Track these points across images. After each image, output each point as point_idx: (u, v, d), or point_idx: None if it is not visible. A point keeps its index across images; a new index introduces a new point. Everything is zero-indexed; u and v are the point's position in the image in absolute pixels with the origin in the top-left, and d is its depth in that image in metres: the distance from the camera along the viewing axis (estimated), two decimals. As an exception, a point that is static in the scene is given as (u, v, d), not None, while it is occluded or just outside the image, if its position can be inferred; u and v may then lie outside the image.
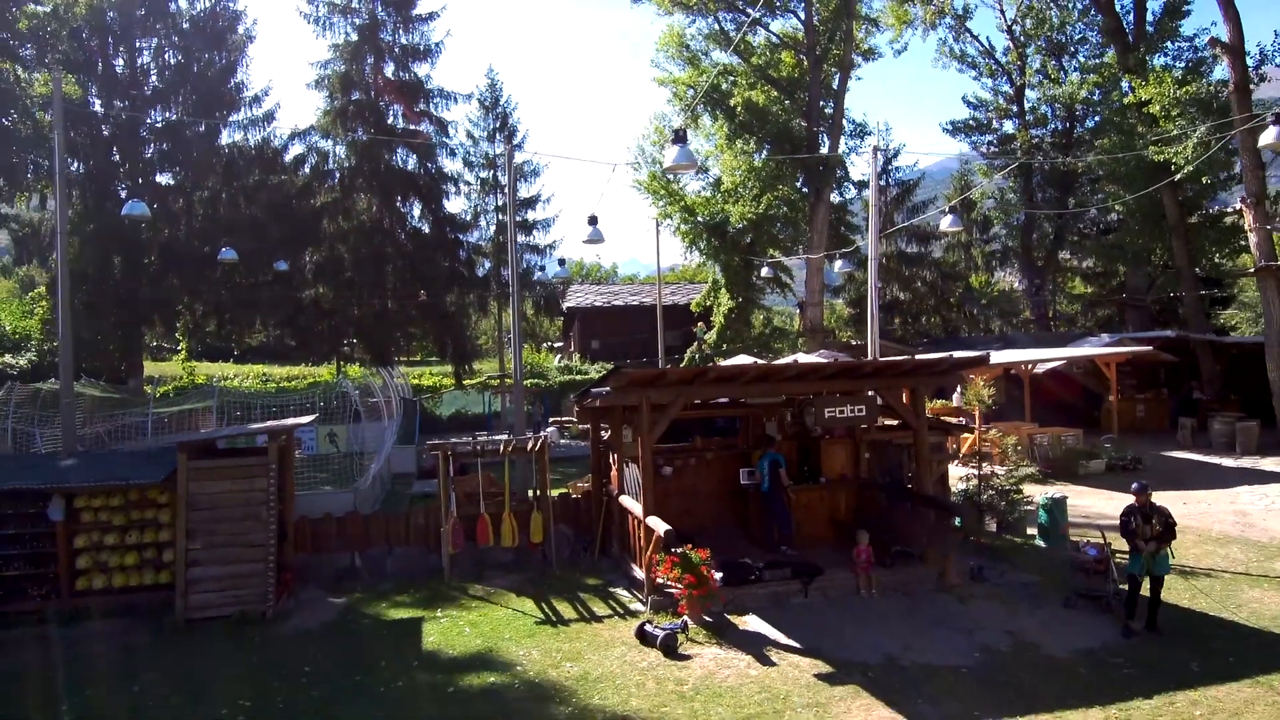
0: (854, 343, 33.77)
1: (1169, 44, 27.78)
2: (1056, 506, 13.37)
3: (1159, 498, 17.17)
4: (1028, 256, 39.24)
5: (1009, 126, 38.30)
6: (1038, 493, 14.55)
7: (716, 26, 34.60)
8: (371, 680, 8.71)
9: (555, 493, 13.82)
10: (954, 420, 17.14)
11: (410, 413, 23.83)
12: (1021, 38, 36.83)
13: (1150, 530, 9.33)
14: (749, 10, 33.79)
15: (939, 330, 40.67)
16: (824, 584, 10.92)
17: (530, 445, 13.25)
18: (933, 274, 41.59)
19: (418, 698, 8.30)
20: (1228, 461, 20.82)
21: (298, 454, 15.77)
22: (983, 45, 38.54)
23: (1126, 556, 9.70)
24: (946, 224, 18.54)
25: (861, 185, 38.11)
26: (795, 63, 34.28)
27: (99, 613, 11.10)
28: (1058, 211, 36.15)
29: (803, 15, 33.32)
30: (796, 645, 9.27)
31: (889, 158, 40.50)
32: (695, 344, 33.88)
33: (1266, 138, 14.06)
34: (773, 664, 8.79)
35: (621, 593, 11.44)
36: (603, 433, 13.79)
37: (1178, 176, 23.97)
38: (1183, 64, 27.22)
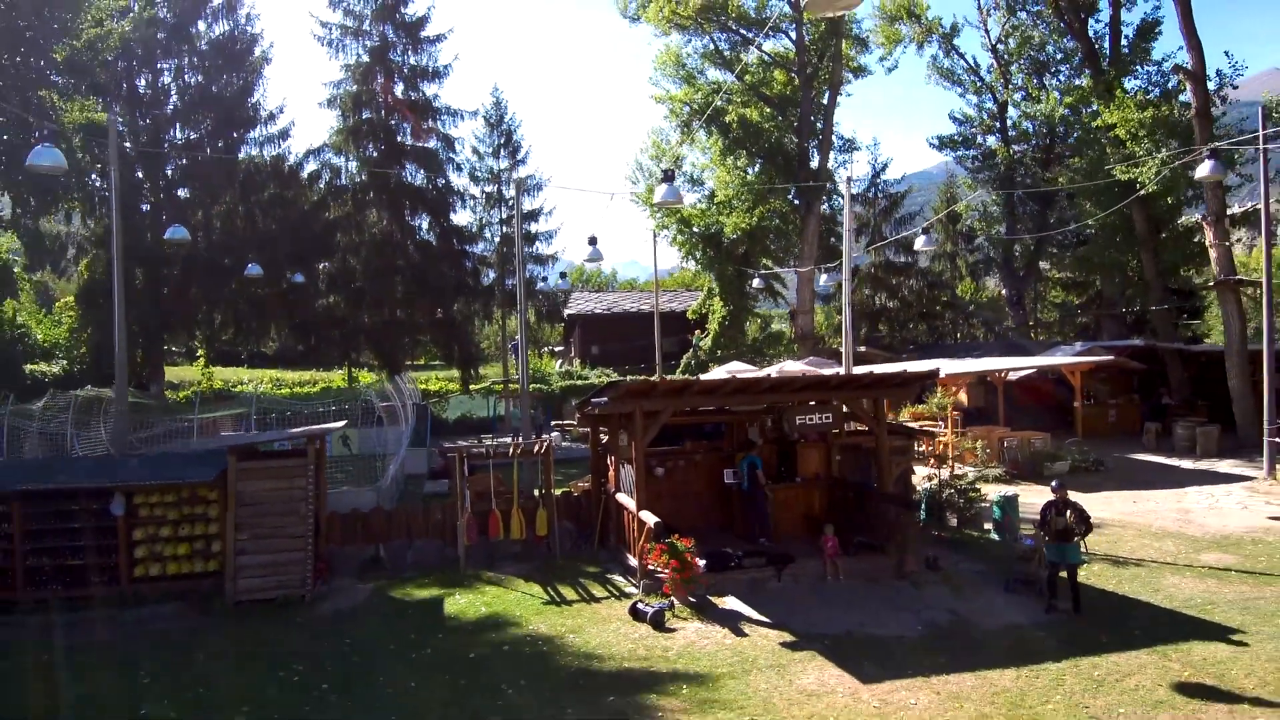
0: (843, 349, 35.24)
1: (1139, 68, 29.31)
2: (1009, 504, 14.82)
3: (1117, 496, 18.76)
4: (1009, 267, 40.76)
5: (992, 141, 39.84)
6: (1002, 492, 15.98)
7: (712, 46, 36.17)
8: (404, 648, 10.23)
9: (558, 491, 15.33)
10: (917, 425, 18.61)
11: (421, 417, 25.30)
12: (1005, 56, 38.36)
13: (1064, 522, 10.80)
14: (743, 32, 35.37)
15: (925, 337, 42.13)
16: (796, 571, 12.40)
17: (536, 448, 14.76)
18: (919, 283, 43.11)
19: (444, 659, 9.82)
20: (1186, 463, 22.17)
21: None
22: (969, 63, 40.10)
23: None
24: (920, 244, 20.05)
25: (851, 198, 39.66)
26: (787, 80, 35.80)
27: (154, 597, 12.54)
28: (1036, 236, 37.66)
29: (794, 35, 34.85)
30: (768, 621, 10.76)
31: (876, 171, 42.09)
32: (691, 350, 35.41)
33: (1201, 171, 15.51)
34: (745, 635, 10.29)
35: (617, 578, 12.94)
36: (601, 437, 15.32)
37: (1142, 194, 25.45)
38: (1155, 89, 28.70)
